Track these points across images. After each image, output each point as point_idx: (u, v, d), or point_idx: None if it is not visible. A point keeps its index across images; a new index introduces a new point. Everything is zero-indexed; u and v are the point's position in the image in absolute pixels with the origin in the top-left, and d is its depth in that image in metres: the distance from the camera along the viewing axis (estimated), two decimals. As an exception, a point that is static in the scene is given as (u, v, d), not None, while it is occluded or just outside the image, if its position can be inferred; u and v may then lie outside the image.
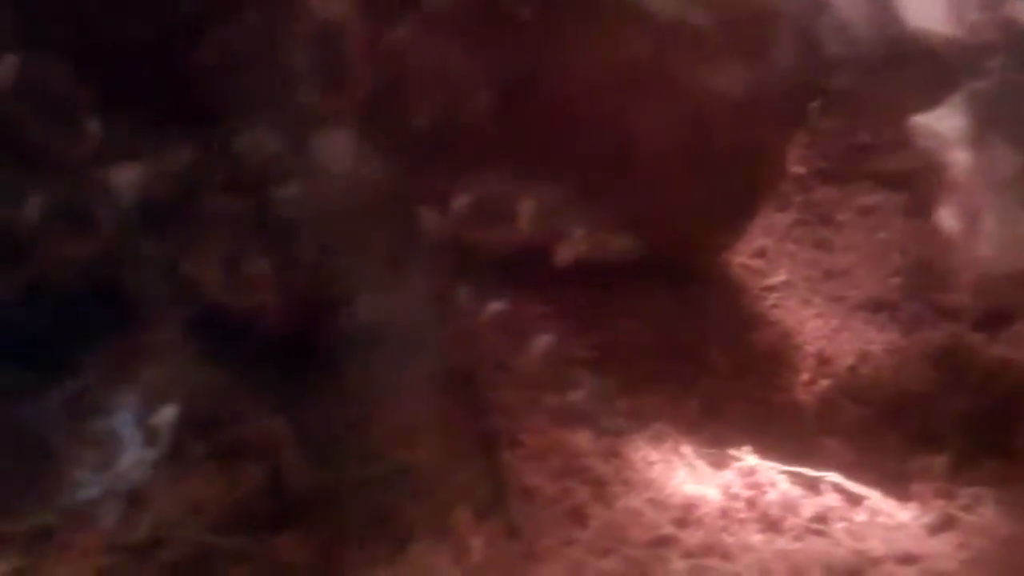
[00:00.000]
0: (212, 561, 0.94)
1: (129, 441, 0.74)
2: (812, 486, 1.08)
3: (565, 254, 0.77)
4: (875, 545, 0.94)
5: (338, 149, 0.74)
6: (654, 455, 1.15)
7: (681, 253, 1.38)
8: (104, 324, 0.76)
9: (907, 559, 0.90)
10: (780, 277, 1.53)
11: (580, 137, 1.05)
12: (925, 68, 0.95)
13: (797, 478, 1.09)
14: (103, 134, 0.72)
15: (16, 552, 0.87)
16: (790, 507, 1.05)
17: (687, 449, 1.16)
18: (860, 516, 1.04)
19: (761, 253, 1.57)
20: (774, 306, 1.48)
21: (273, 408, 0.82)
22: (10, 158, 0.72)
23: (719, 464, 1.13)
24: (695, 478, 1.13)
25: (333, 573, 0.93)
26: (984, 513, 0.96)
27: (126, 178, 0.73)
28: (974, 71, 0.80)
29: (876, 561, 0.90)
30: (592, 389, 0.83)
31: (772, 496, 1.07)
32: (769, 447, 1.15)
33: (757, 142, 1.33)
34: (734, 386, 1.32)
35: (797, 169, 1.67)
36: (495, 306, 0.81)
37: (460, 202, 0.79)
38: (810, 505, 1.05)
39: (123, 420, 0.74)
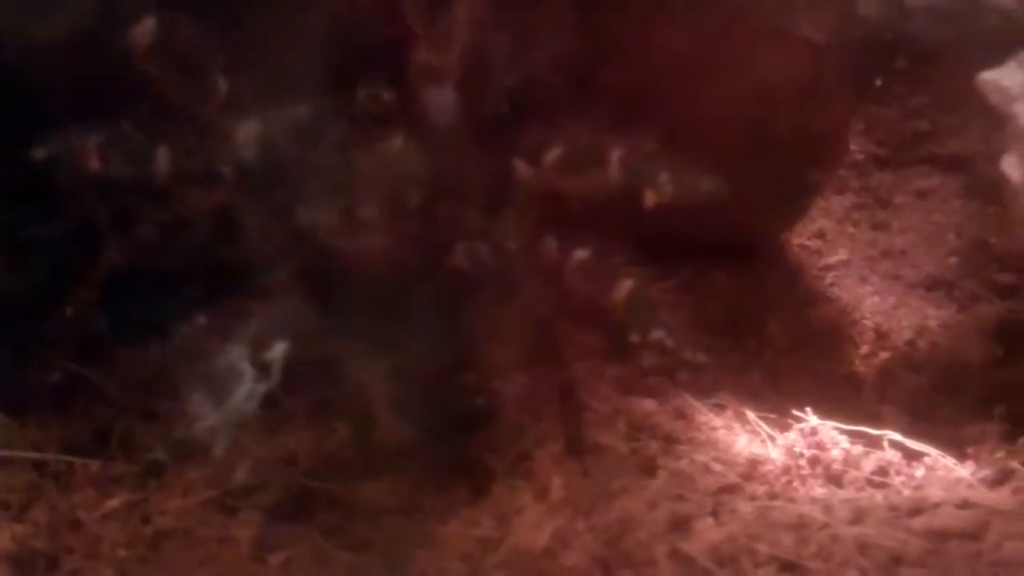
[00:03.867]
0: (306, 504, 1.01)
1: (243, 377, 0.81)
2: (873, 443, 1.12)
3: (652, 198, 0.82)
4: (934, 492, 0.98)
5: (443, 105, 0.80)
6: (717, 421, 1.20)
7: (744, 233, 1.44)
8: (224, 268, 0.83)
9: (965, 504, 0.94)
10: (839, 256, 1.58)
11: (666, 95, 1.11)
12: (995, 28, 1.00)
13: (858, 437, 1.14)
14: (229, 92, 0.79)
15: (129, 487, 0.94)
16: (852, 463, 1.09)
17: (749, 415, 1.21)
18: (919, 471, 1.08)
19: (820, 234, 1.62)
20: (833, 284, 1.53)
21: (372, 349, 0.88)
22: (144, 114, 0.80)
23: (782, 427, 1.18)
24: (757, 441, 1.17)
25: (416, 516, 0.99)
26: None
27: (249, 133, 0.80)
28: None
29: (936, 505, 0.94)
30: (672, 327, 0.88)
31: (835, 453, 1.11)
32: (827, 413, 1.19)
33: (821, 120, 1.37)
34: (794, 359, 1.37)
35: (856, 155, 1.73)
36: (581, 254, 0.86)
37: (553, 154, 0.84)
38: (871, 461, 1.09)
39: (238, 357, 0.80)
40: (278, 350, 0.81)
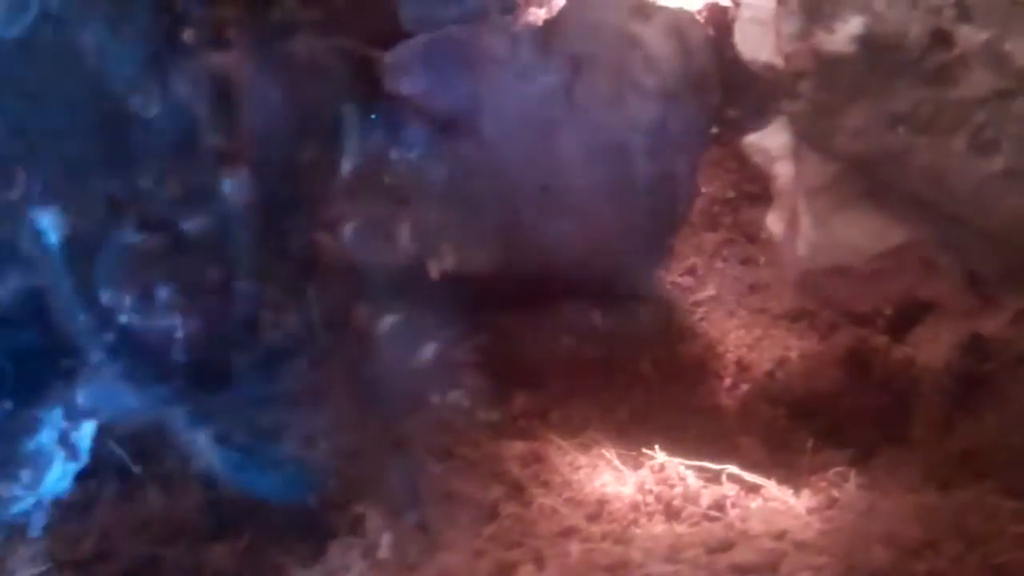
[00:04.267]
0: (151, 570, 1.03)
1: (53, 457, 0.84)
2: (713, 478, 1.16)
3: (436, 267, 0.86)
4: (757, 525, 1.02)
5: (236, 184, 0.84)
6: (582, 460, 1.24)
7: (614, 274, 1.48)
8: (33, 351, 0.86)
9: (780, 536, 0.98)
10: (708, 292, 1.62)
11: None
12: (756, 94, 1.06)
13: (701, 472, 1.17)
14: (28, 180, 0.83)
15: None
16: (691, 498, 1.13)
17: (611, 453, 1.24)
18: (755, 503, 1.12)
19: (692, 271, 1.66)
20: (702, 319, 1.57)
21: (190, 420, 0.91)
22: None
23: (637, 464, 1.21)
24: (617, 479, 1.21)
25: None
26: (850, 489, 1.04)
27: (50, 218, 0.83)
28: (791, 94, 0.90)
29: (752, 538, 0.98)
30: (470, 387, 0.92)
31: (678, 489, 1.15)
32: (689, 447, 1.23)
33: (666, 168, 1.44)
34: (662, 395, 1.40)
35: (728, 193, 1.78)
36: (389, 319, 0.90)
37: (349, 228, 0.89)
38: (709, 495, 1.13)
39: (47, 438, 0.83)
40: (87, 429, 0.84)
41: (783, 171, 0.99)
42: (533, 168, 1.35)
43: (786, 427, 1.33)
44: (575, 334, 1.47)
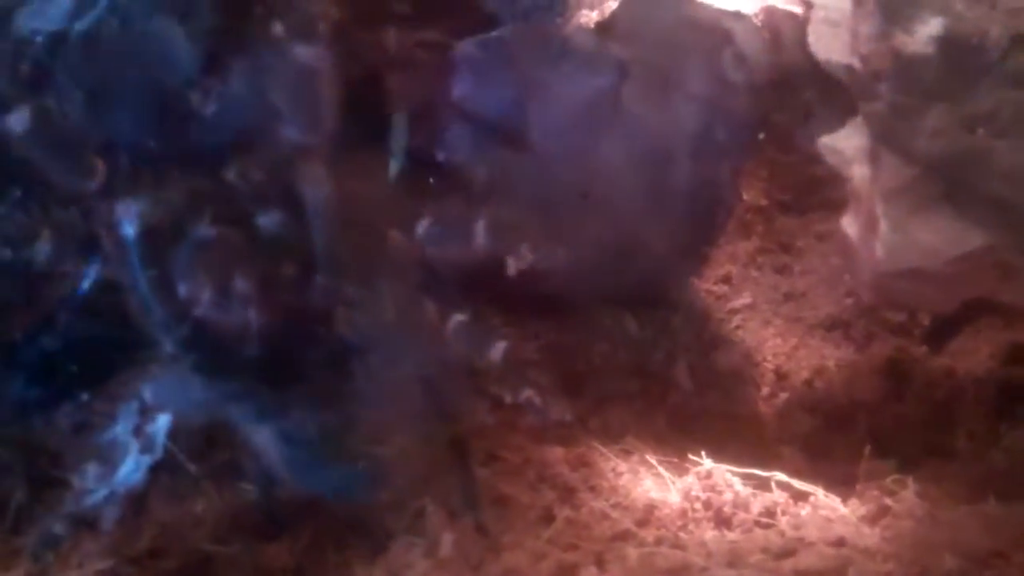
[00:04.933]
0: (207, 568, 1.03)
1: (128, 449, 0.84)
2: (762, 485, 1.16)
3: (515, 265, 0.86)
4: (812, 532, 1.03)
5: (315, 179, 0.84)
6: (623, 466, 1.24)
7: (651, 280, 1.49)
8: (108, 343, 0.86)
9: (838, 543, 0.98)
10: (744, 300, 1.63)
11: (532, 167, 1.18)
12: (831, 94, 1.06)
13: (749, 479, 1.18)
14: (108, 172, 0.83)
15: (26, 560, 0.96)
16: (741, 504, 1.13)
17: (653, 459, 1.24)
18: (804, 510, 1.12)
19: (727, 279, 1.67)
20: (738, 327, 1.58)
21: (258, 415, 0.91)
22: (25, 195, 0.83)
23: (681, 471, 1.22)
24: (659, 485, 1.21)
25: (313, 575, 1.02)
26: (907, 498, 1.04)
27: (128, 211, 0.83)
28: (869, 96, 0.90)
29: (810, 545, 0.98)
30: (542, 386, 0.92)
31: (727, 496, 1.15)
32: (729, 455, 1.23)
33: (711, 174, 1.44)
34: (699, 402, 1.41)
35: (761, 201, 1.79)
36: (458, 317, 0.91)
37: (424, 224, 0.89)
38: (759, 502, 1.13)
39: (122, 430, 0.83)
40: (162, 422, 0.84)
41: (858, 173, 0.99)
42: (577, 172, 1.36)
43: (826, 436, 1.34)
44: (610, 340, 1.48)
